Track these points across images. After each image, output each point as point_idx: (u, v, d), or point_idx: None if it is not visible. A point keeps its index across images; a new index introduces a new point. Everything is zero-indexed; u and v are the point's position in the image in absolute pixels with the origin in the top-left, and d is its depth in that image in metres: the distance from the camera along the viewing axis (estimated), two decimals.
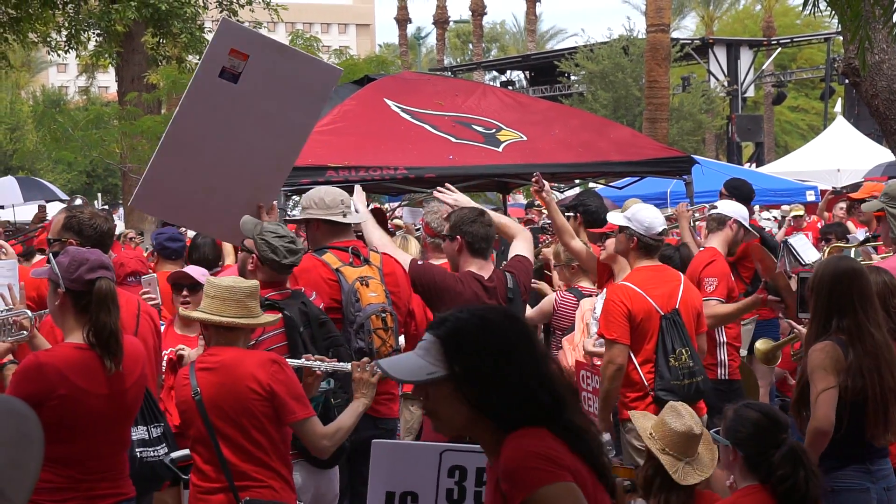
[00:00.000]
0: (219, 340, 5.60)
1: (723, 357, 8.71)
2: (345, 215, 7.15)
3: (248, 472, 5.46)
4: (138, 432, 5.83)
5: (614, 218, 7.78)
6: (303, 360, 5.87)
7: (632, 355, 7.28)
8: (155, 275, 7.51)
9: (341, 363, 6.02)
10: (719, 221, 8.94)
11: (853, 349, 5.65)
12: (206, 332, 5.69)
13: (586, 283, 8.78)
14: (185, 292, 7.51)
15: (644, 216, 7.50)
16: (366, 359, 5.97)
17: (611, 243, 8.03)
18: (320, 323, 6.34)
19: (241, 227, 6.62)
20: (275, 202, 7.41)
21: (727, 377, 8.71)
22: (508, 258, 7.60)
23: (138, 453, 5.79)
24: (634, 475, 6.05)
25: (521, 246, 7.66)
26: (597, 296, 8.38)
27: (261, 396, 5.45)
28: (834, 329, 5.70)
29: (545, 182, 8.48)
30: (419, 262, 7.29)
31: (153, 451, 5.90)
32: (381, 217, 11.29)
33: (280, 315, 6.03)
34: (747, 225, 8.95)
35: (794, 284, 7.14)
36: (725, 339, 8.73)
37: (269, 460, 5.50)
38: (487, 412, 3.26)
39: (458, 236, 7.22)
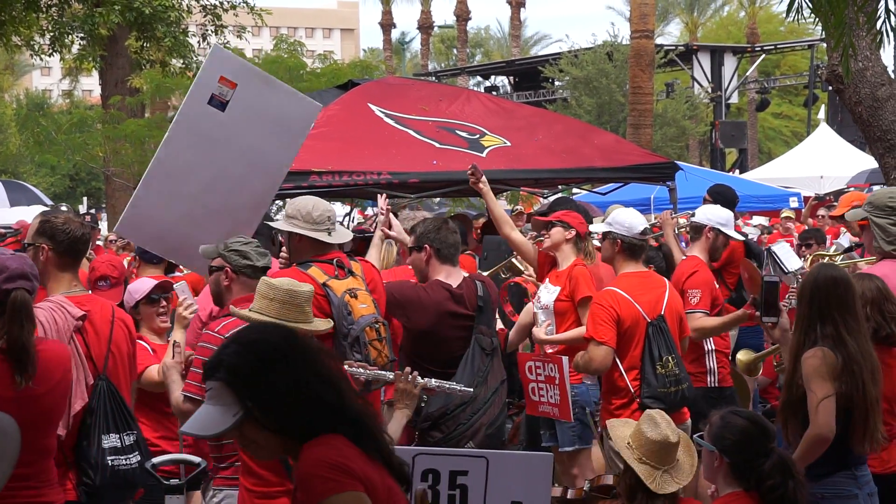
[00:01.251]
0: None
1: (712, 365, 8.67)
2: (330, 233, 7.10)
3: None
4: (110, 440, 5.78)
5: (596, 227, 7.82)
6: (346, 365, 5.80)
7: (618, 361, 7.31)
8: (184, 282, 7.49)
9: (383, 371, 5.96)
10: (696, 230, 8.93)
11: (836, 354, 5.66)
12: None
13: None
14: (163, 303, 7.46)
15: (623, 218, 7.56)
16: (408, 368, 5.81)
17: (555, 232, 8.19)
18: None
19: (203, 254, 6.59)
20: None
21: (717, 384, 8.68)
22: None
23: (110, 461, 5.74)
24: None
25: None
26: (541, 287, 8.45)
27: None
28: (820, 336, 5.70)
29: (482, 173, 8.53)
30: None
31: (125, 460, 5.84)
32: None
33: (332, 322, 5.98)
34: (727, 231, 8.89)
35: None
36: (714, 347, 8.69)
37: None
38: (288, 432, 3.39)
39: (426, 245, 7.23)
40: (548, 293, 8.22)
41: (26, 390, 4.98)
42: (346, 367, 5.77)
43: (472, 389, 6.57)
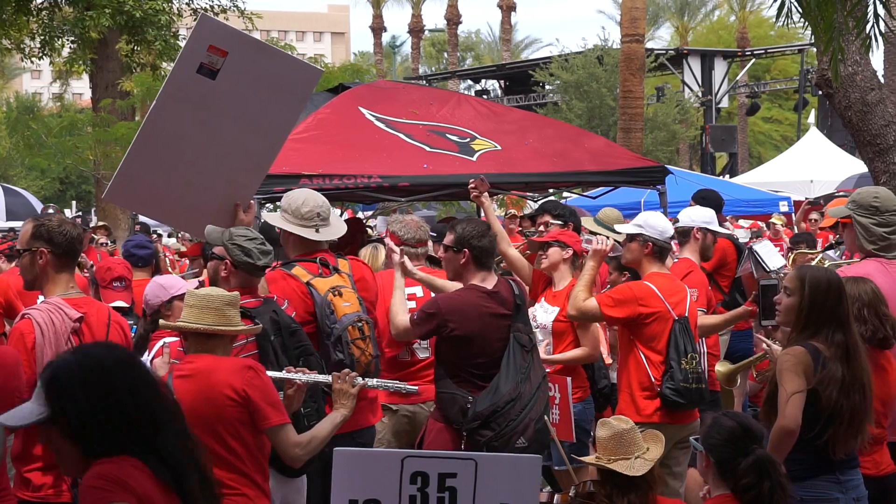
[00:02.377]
0: (198, 349, 5.56)
1: (704, 367, 8.70)
2: (318, 230, 7.16)
3: (222, 479, 5.38)
4: None
5: (624, 228, 7.88)
6: (283, 372, 5.85)
7: (641, 353, 7.45)
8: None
9: (321, 375, 5.99)
10: (683, 234, 9.00)
11: (848, 363, 5.65)
12: (185, 342, 5.67)
13: None
14: None
15: (656, 221, 7.69)
16: (346, 370, 5.93)
17: (553, 253, 8.26)
18: (291, 332, 6.30)
19: (207, 236, 6.62)
20: (252, 201, 7.37)
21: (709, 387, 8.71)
22: None
23: None
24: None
25: None
26: (536, 306, 8.43)
27: (235, 402, 5.40)
28: (830, 342, 5.70)
29: (488, 184, 8.56)
30: (417, 315, 7.16)
31: None
32: (358, 226, 11.29)
33: (260, 324, 6.00)
34: (714, 228, 8.94)
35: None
36: (706, 349, 8.72)
37: (244, 467, 5.46)
38: (87, 447, 3.46)
39: (466, 249, 7.21)
40: (545, 313, 8.26)
41: None
42: (284, 372, 5.82)
43: (416, 388, 6.61)
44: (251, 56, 7.02)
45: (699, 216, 8.97)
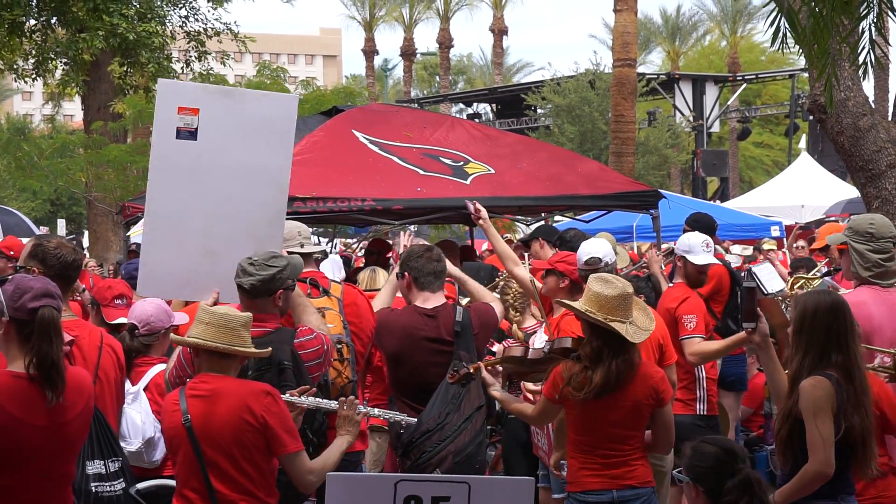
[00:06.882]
0: (211, 367, 5.55)
1: (702, 392, 8.65)
2: (302, 246, 7.25)
3: (236, 500, 5.44)
4: (95, 466, 5.76)
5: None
6: (287, 395, 5.81)
7: None
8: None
9: (326, 400, 5.98)
10: (673, 259, 9.06)
11: (848, 386, 5.63)
12: (196, 358, 5.64)
13: (530, 322, 8.83)
14: None
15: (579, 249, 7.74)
16: (351, 397, 5.96)
17: (549, 281, 8.14)
18: (280, 370, 6.06)
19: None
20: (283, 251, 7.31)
21: (706, 412, 8.65)
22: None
23: (94, 488, 5.71)
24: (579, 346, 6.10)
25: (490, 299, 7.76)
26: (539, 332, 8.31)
27: (253, 427, 5.43)
28: (833, 364, 5.68)
29: (482, 208, 8.50)
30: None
31: (110, 486, 5.81)
32: (385, 248, 11.30)
33: (269, 349, 5.93)
34: (690, 258, 8.77)
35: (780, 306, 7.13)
36: (705, 375, 8.68)
37: (256, 490, 5.48)
38: None
39: (406, 272, 7.25)
40: (541, 342, 8.10)
41: (56, 418, 4.89)
42: (287, 396, 5.77)
43: (415, 420, 6.58)
44: (222, 104, 6.94)
45: (681, 243, 8.92)
